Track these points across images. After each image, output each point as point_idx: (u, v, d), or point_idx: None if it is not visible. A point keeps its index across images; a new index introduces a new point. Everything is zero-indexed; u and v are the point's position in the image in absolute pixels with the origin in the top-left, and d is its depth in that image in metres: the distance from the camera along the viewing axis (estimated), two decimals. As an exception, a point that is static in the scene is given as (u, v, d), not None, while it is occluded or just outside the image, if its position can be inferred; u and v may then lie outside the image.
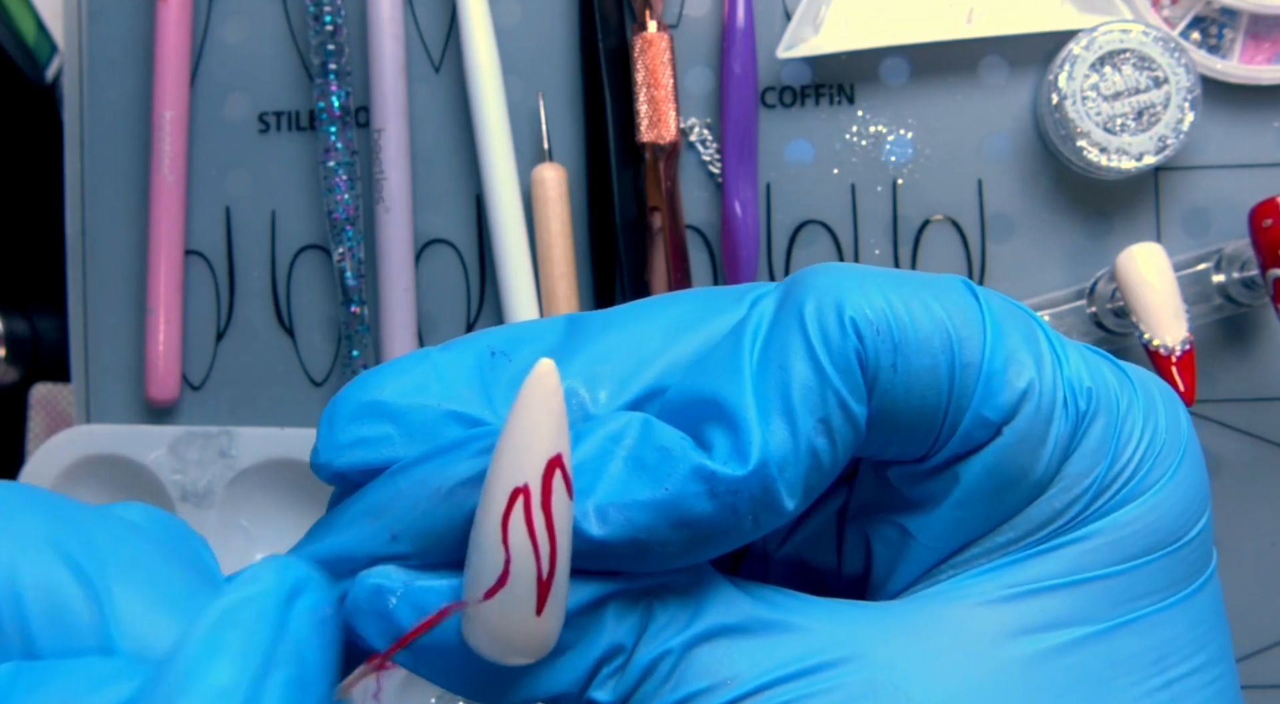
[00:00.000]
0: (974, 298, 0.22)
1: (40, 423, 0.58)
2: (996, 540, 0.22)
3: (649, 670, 0.21)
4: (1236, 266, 0.49)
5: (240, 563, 0.57)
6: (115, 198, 0.55)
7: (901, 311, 0.21)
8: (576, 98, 0.54)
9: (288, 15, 0.55)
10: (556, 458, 0.19)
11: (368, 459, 0.22)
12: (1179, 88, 0.49)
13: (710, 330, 0.23)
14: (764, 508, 0.21)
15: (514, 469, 0.19)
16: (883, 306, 0.21)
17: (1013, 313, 0.22)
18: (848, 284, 0.21)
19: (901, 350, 0.21)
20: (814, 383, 0.21)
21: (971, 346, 0.21)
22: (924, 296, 0.21)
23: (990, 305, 0.22)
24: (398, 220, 0.53)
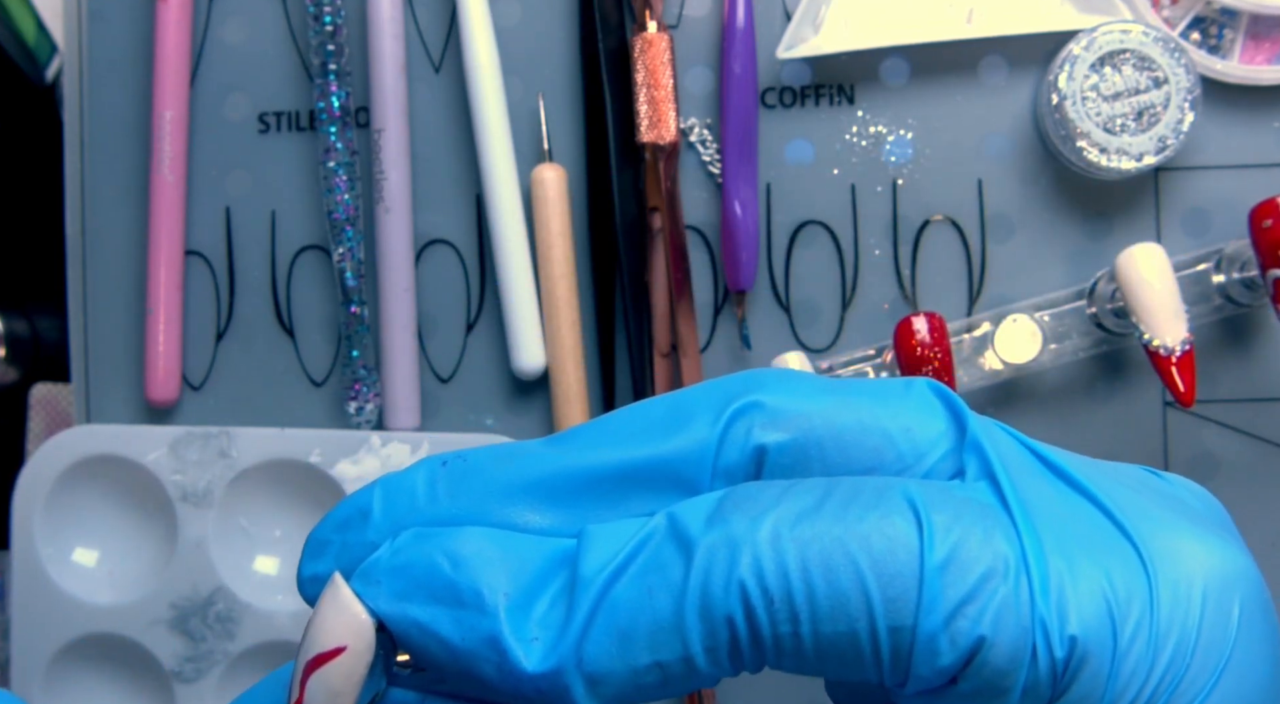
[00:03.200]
0: (917, 530, 0.19)
1: (40, 423, 0.58)
2: None
3: None
4: (1236, 267, 0.49)
5: (239, 564, 0.57)
6: (115, 198, 0.55)
7: (814, 573, 0.19)
8: (576, 98, 0.54)
9: (288, 15, 0.55)
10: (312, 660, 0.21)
11: (320, 593, 0.23)
12: (1179, 88, 0.49)
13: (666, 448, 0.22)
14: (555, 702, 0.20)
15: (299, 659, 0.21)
16: (788, 570, 0.19)
17: (974, 531, 0.19)
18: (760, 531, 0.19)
19: (805, 620, 0.19)
20: (668, 624, 0.19)
21: (901, 608, 0.19)
22: (849, 544, 0.19)
23: (936, 535, 0.19)
24: (398, 220, 0.53)
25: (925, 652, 0.19)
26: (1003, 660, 0.19)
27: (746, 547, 0.19)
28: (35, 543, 0.52)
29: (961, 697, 0.19)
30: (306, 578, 0.23)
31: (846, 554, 0.19)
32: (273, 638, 0.52)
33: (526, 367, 0.52)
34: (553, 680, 0.19)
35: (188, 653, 0.52)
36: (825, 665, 0.19)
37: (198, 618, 0.52)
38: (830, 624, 0.19)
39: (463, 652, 0.20)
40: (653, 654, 0.19)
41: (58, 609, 0.52)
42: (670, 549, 0.20)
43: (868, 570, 0.19)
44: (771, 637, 0.19)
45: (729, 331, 0.53)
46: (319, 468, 0.52)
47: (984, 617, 0.18)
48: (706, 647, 0.19)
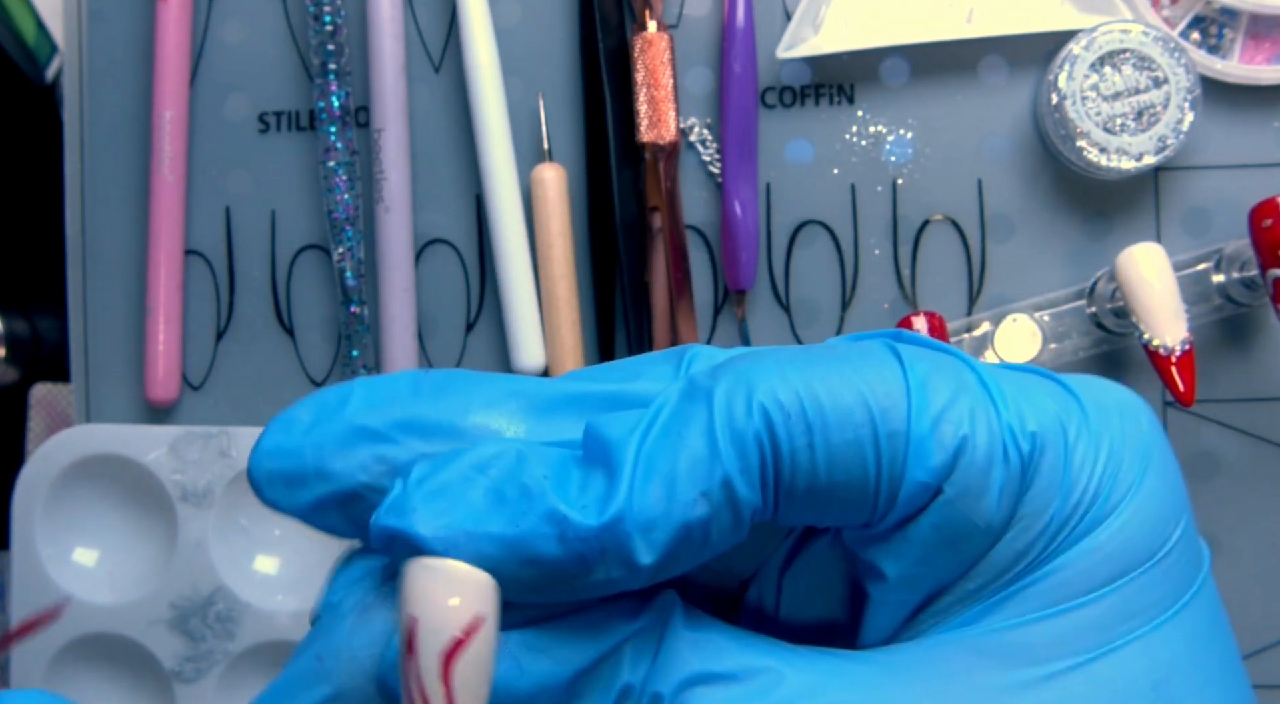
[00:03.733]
0: (897, 361, 0.22)
1: (40, 423, 0.58)
2: (967, 587, 0.22)
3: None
4: (1236, 267, 0.49)
5: (239, 563, 0.57)
6: (115, 198, 0.55)
7: (819, 391, 0.21)
8: (576, 98, 0.54)
9: (288, 15, 0.55)
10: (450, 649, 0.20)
11: (282, 468, 0.22)
12: (1179, 88, 0.49)
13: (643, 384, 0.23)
14: (616, 562, 0.21)
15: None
16: (797, 389, 0.21)
17: (941, 366, 0.22)
18: (763, 371, 0.21)
19: (818, 430, 0.21)
20: (704, 456, 0.21)
21: (895, 415, 0.21)
22: (842, 372, 0.21)
23: (914, 366, 0.22)
24: (398, 220, 0.53)
25: (918, 453, 0.21)
26: (982, 458, 0.21)
27: (759, 379, 0.21)
28: (35, 542, 0.52)
29: (945, 507, 0.21)
30: (266, 450, 0.22)
31: (843, 376, 0.21)
32: (273, 638, 0.52)
33: (526, 366, 0.52)
34: (613, 533, 0.20)
35: (188, 653, 0.52)
36: (833, 488, 0.21)
37: (198, 618, 0.52)
38: (839, 432, 0.21)
39: (518, 539, 0.20)
40: (695, 485, 0.21)
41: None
42: (688, 400, 0.21)
43: (864, 387, 0.21)
44: (789, 450, 0.21)
45: (729, 332, 0.53)
46: None
47: (962, 420, 0.21)
48: (741, 468, 0.21)
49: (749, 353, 0.23)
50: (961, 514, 0.21)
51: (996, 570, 0.22)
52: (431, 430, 0.22)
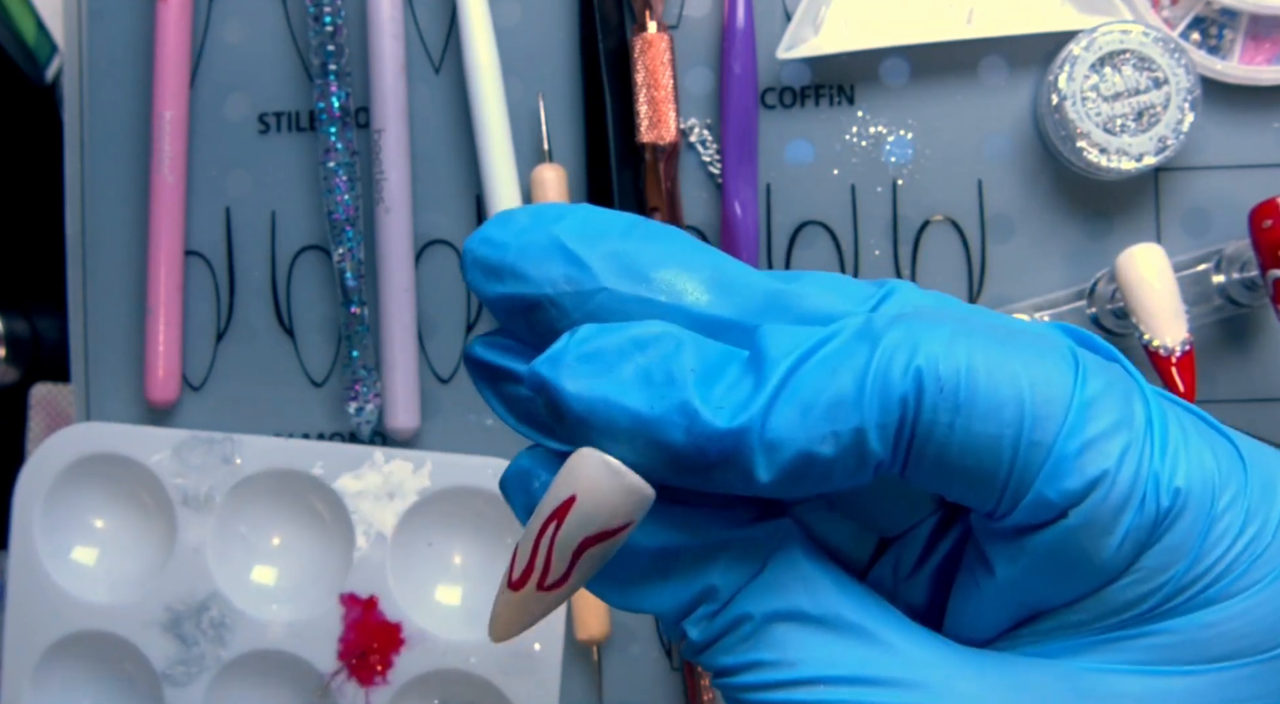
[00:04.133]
0: (1073, 370, 0.21)
1: (40, 423, 0.58)
2: (1071, 618, 0.22)
3: (733, 626, 0.23)
4: (1236, 267, 0.49)
5: (236, 571, 0.57)
6: (115, 198, 0.55)
7: (980, 375, 0.21)
8: (576, 98, 0.54)
9: (288, 15, 0.55)
10: (591, 538, 0.22)
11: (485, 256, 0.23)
12: (1179, 88, 0.49)
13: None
14: (734, 469, 0.21)
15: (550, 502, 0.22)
16: (959, 366, 0.21)
17: (1115, 389, 0.21)
18: (940, 333, 0.21)
19: (964, 413, 0.21)
20: (847, 399, 0.21)
21: (1047, 426, 0.21)
22: (1014, 363, 0.21)
23: (1089, 380, 0.21)
24: (398, 220, 0.53)
25: (1053, 471, 0.21)
26: (1117, 498, 0.21)
27: (927, 341, 0.21)
28: (35, 537, 0.52)
29: (1065, 532, 0.21)
30: (480, 238, 0.23)
31: (1011, 368, 0.21)
32: (264, 647, 0.52)
33: (526, 366, 0.52)
34: (737, 441, 0.21)
35: (179, 656, 0.52)
36: (959, 470, 0.21)
37: (191, 622, 0.52)
38: (983, 423, 0.21)
39: (650, 419, 0.21)
40: (830, 424, 0.21)
41: (53, 605, 0.52)
42: (856, 340, 0.21)
43: (1027, 386, 0.21)
44: (929, 423, 0.21)
45: (729, 332, 0.53)
46: (321, 480, 0.52)
47: (1111, 454, 0.21)
48: (879, 422, 0.21)
49: (935, 309, 0.23)
50: (1080, 544, 0.21)
51: (1105, 611, 0.22)
52: (623, 269, 0.23)
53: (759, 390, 0.21)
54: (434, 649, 0.51)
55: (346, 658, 0.51)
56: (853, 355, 0.21)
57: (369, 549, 0.52)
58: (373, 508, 0.52)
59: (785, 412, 0.21)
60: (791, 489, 0.22)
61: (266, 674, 0.52)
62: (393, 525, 0.52)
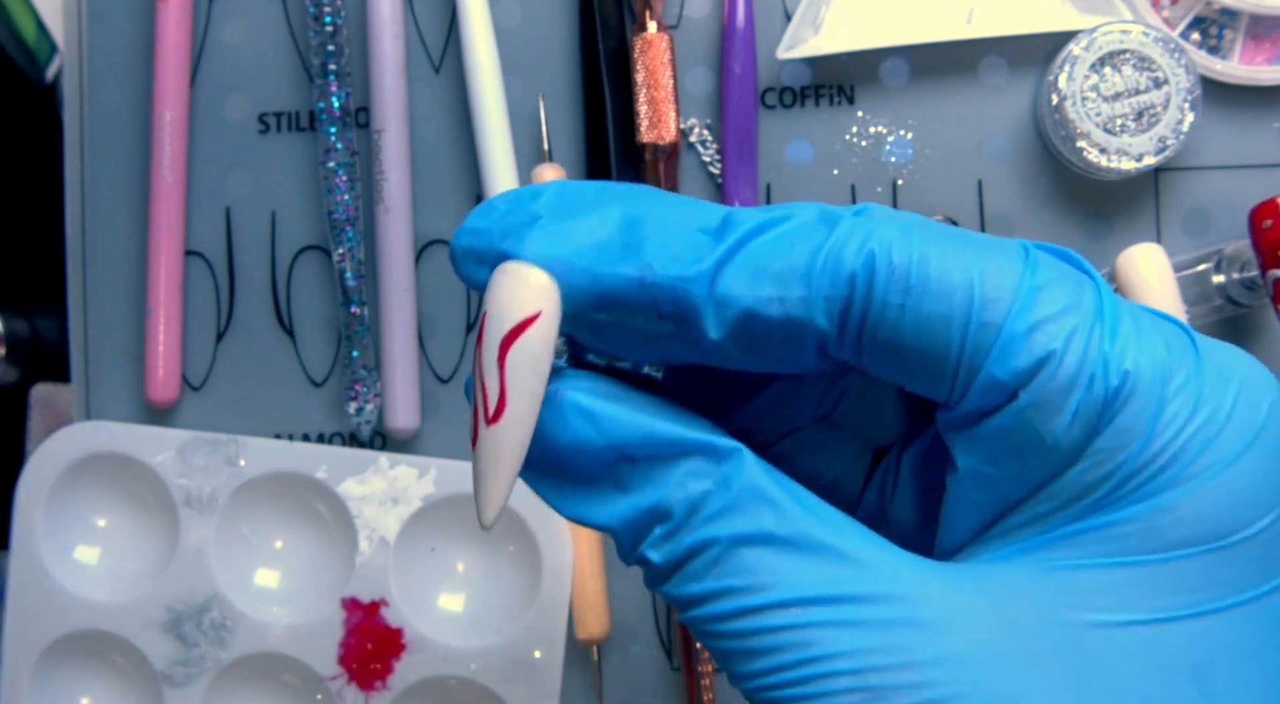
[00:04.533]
0: (1024, 260, 0.22)
1: (40, 423, 0.58)
2: (1036, 509, 0.22)
3: (696, 550, 0.22)
4: (1236, 267, 0.49)
5: (238, 573, 0.57)
6: (115, 198, 0.55)
7: (932, 261, 0.21)
8: (576, 98, 0.54)
9: (288, 15, 0.55)
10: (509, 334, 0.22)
11: (473, 245, 0.24)
12: (1179, 88, 0.49)
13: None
14: (684, 319, 0.22)
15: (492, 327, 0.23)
16: (912, 252, 0.21)
17: (1066, 280, 0.22)
18: (897, 224, 0.22)
19: (914, 294, 0.21)
20: (797, 269, 0.22)
21: (995, 307, 0.21)
22: (965, 253, 0.22)
23: (1039, 270, 0.22)
24: (398, 220, 0.53)
25: (1003, 351, 0.21)
26: (1065, 377, 0.21)
27: (883, 229, 0.22)
28: (36, 536, 0.52)
29: (1017, 413, 0.21)
30: (466, 229, 0.24)
31: (962, 256, 0.21)
32: (265, 649, 0.52)
33: (526, 367, 0.52)
34: (687, 289, 0.22)
35: (179, 657, 0.52)
36: (910, 353, 0.22)
37: (192, 623, 0.52)
38: (933, 303, 0.21)
39: (604, 274, 0.22)
40: (779, 289, 0.22)
41: (54, 603, 0.52)
42: (816, 221, 0.22)
43: (976, 272, 0.21)
44: (880, 303, 0.21)
45: (729, 332, 0.53)
46: (325, 484, 0.52)
47: (1059, 335, 0.21)
48: (825, 295, 0.22)
49: (892, 211, 0.23)
50: (1031, 425, 0.21)
51: (1064, 498, 0.22)
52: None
53: (715, 247, 0.22)
54: (435, 655, 0.51)
55: (347, 663, 0.51)
56: (810, 234, 0.22)
57: (372, 554, 0.52)
58: (376, 513, 0.52)
59: (737, 272, 0.22)
60: (739, 357, 0.22)
61: (266, 677, 0.52)
62: (396, 531, 0.52)
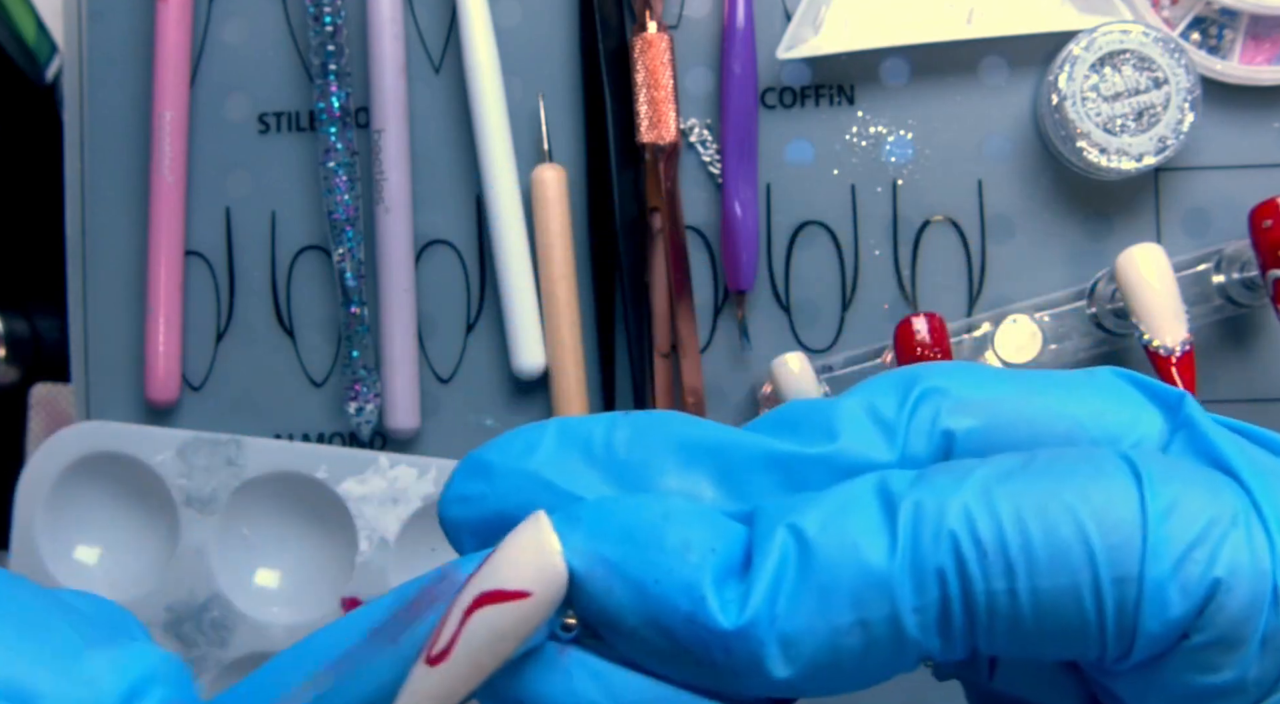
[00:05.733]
0: (1134, 480, 0.18)
1: (40, 423, 0.58)
2: None
3: None
4: (1236, 267, 0.49)
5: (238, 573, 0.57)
6: (115, 198, 0.55)
7: (1029, 521, 0.18)
8: (576, 98, 0.54)
9: (288, 15, 0.55)
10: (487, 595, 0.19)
11: (467, 515, 0.22)
12: (1179, 88, 0.49)
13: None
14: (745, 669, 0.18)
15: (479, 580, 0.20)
16: (1000, 517, 0.18)
17: (1195, 486, 0.18)
18: (968, 486, 0.18)
19: (1020, 574, 0.18)
20: (873, 579, 0.18)
21: (1126, 555, 0.17)
22: (1062, 498, 0.18)
23: (1158, 487, 0.18)
24: (398, 220, 0.53)
25: (1154, 602, 0.17)
26: (1239, 605, 0.17)
27: (955, 499, 0.18)
28: (36, 536, 0.52)
29: (1191, 655, 0.18)
30: (453, 497, 0.21)
31: (1062, 503, 0.18)
32: (265, 649, 0.52)
33: (526, 367, 0.52)
34: (744, 639, 0.18)
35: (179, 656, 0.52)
36: (1043, 635, 0.18)
37: (192, 623, 0.52)
38: (1049, 577, 0.18)
39: (652, 595, 0.19)
40: (856, 611, 0.18)
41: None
42: (875, 506, 0.18)
43: (1086, 518, 0.18)
44: (985, 594, 0.18)
45: (729, 332, 0.53)
46: (325, 484, 0.52)
47: (1216, 560, 0.17)
48: (915, 606, 0.18)
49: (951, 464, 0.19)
50: (1211, 666, 0.18)
51: None
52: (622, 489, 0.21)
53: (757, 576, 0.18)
54: (434, 651, 0.51)
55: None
56: (873, 528, 0.18)
57: (371, 554, 0.52)
58: (376, 513, 0.52)
59: (800, 599, 0.18)
60: (820, 687, 0.19)
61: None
62: (396, 531, 0.52)
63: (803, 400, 0.22)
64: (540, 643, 0.20)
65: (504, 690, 0.20)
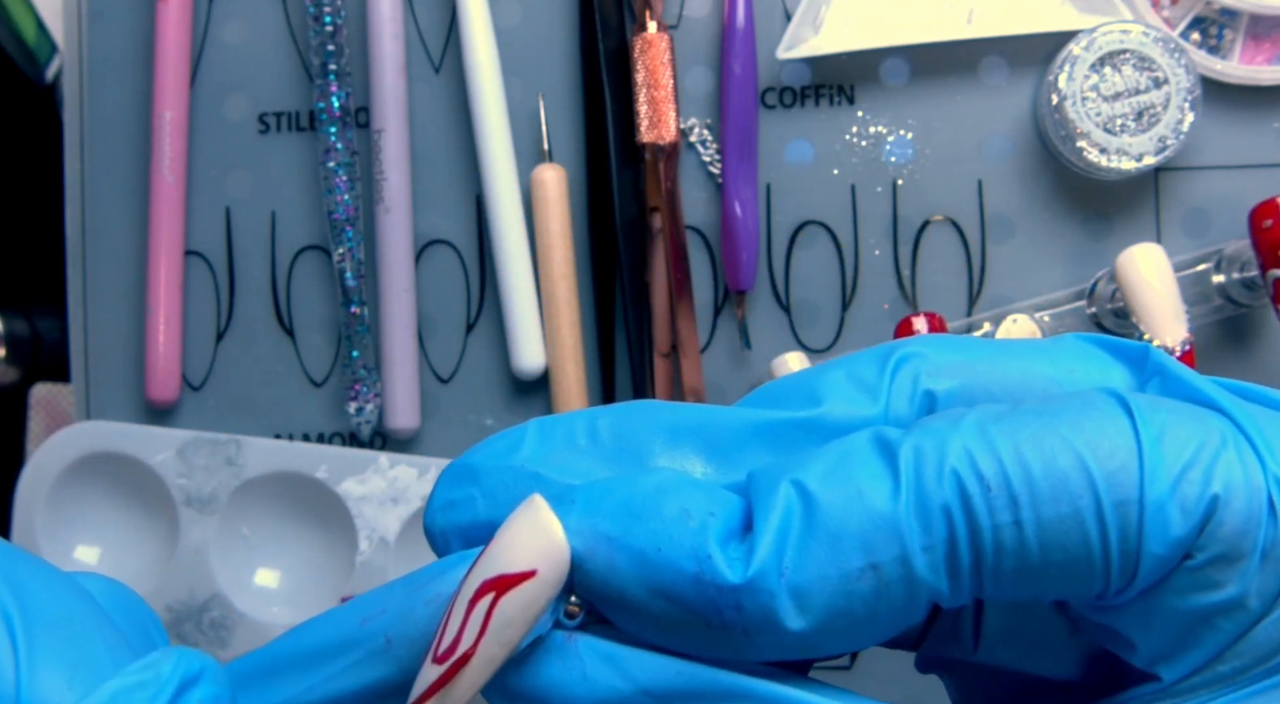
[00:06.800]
0: (1125, 414, 0.18)
1: (40, 423, 0.58)
2: (1219, 670, 0.19)
3: None
4: (1236, 267, 0.49)
5: (238, 573, 0.57)
6: (115, 198, 0.55)
7: (1028, 455, 0.18)
8: (576, 98, 0.54)
9: (288, 15, 0.55)
10: (490, 581, 0.19)
11: (456, 521, 0.21)
12: (1179, 88, 0.49)
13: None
14: (759, 625, 0.18)
15: (480, 568, 0.19)
16: (1000, 454, 0.18)
17: (1182, 412, 0.19)
18: (965, 427, 0.19)
19: (1024, 505, 0.18)
20: (880, 521, 0.18)
21: (1124, 479, 0.18)
22: (1057, 431, 0.18)
23: (1147, 419, 0.18)
24: (398, 220, 0.53)
25: (1156, 523, 0.18)
26: (1238, 519, 0.18)
27: (954, 439, 0.18)
28: (36, 536, 0.52)
29: (1193, 574, 0.18)
30: (440, 504, 0.21)
31: (1058, 435, 0.18)
32: None
33: (526, 367, 0.52)
34: (755, 591, 0.18)
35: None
36: (1049, 568, 0.18)
37: (191, 623, 0.52)
38: (1052, 506, 0.18)
39: (656, 563, 0.19)
40: (866, 555, 0.18)
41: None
42: (874, 454, 0.19)
43: (1082, 447, 0.18)
44: (991, 528, 0.18)
45: (729, 331, 0.53)
46: (325, 484, 0.52)
47: (1212, 478, 0.18)
48: (924, 545, 0.18)
49: (950, 413, 0.20)
50: (1214, 583, 0.18)
51: (1258, 655, 0.18)
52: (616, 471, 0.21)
53: (761, 528, 0.18)
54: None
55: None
56: (875, 473, 0.18)
57: (371, 553, 0.52)
58: (376, 512, 0.52)
59: (809, 548, 0.18)
60: (833, 642, 0.19)
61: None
62: (396, 530, 0.52)
63: (784, 377, 0.22)
64: (546, 631, 0.20)
65: (515, 684, 0.20)
